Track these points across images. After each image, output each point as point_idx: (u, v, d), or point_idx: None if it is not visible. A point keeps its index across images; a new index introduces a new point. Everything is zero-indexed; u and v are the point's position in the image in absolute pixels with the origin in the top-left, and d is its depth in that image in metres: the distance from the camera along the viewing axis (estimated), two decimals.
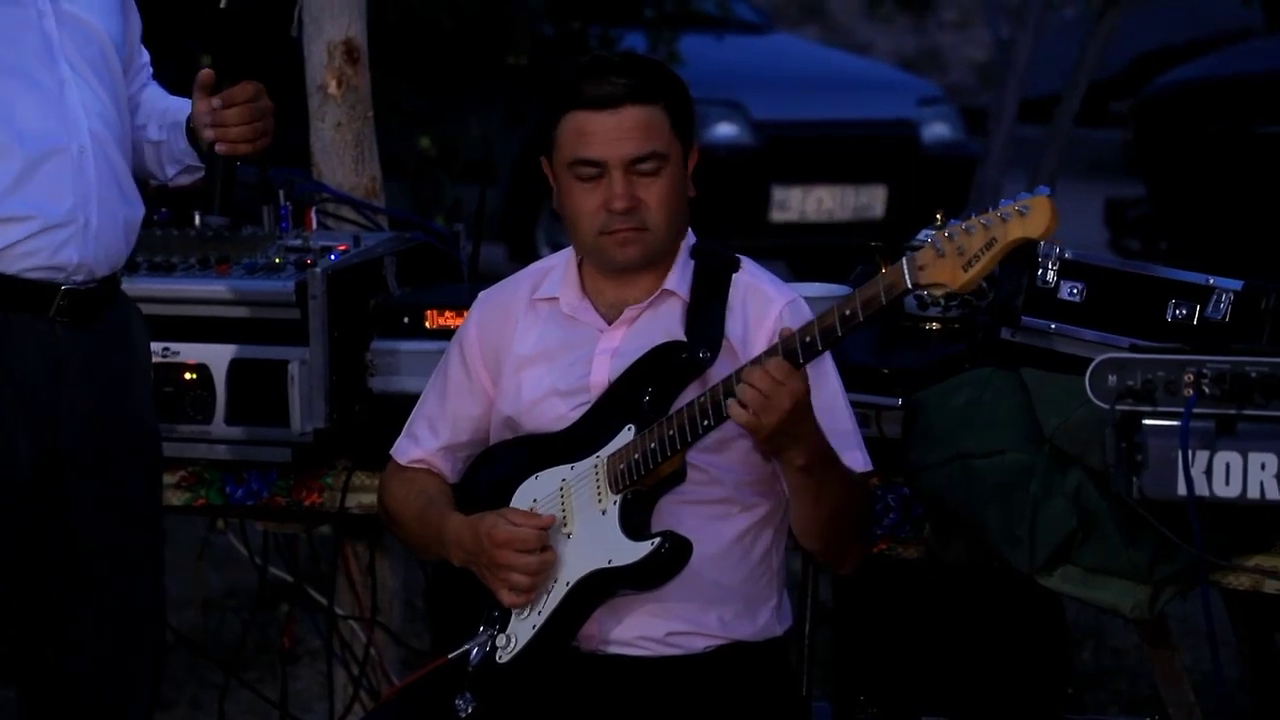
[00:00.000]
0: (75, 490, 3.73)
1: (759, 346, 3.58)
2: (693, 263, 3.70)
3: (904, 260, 3.43)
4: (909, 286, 3.42)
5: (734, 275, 3.69)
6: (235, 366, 4.27)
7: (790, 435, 3.48)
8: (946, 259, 3.39)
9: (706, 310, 3.65)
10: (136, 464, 3.84)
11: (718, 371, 3.59)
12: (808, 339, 3.47)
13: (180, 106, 3.89)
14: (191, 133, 3.83)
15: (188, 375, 4.28)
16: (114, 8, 3.78)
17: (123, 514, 3.80)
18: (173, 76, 4.04)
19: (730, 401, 3.48)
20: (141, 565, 3.84)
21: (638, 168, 3.60)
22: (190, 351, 4.28)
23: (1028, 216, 3.36)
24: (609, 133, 3.59)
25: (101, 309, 3.74)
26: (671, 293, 3.68)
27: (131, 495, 3.83)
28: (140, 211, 3.81)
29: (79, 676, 3.77)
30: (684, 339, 3.63)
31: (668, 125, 3.62)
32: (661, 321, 3.67)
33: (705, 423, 3.54)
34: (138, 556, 3.83)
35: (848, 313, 3.45)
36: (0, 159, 3.58)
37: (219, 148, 3.77)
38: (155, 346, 4.22)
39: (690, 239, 3.72)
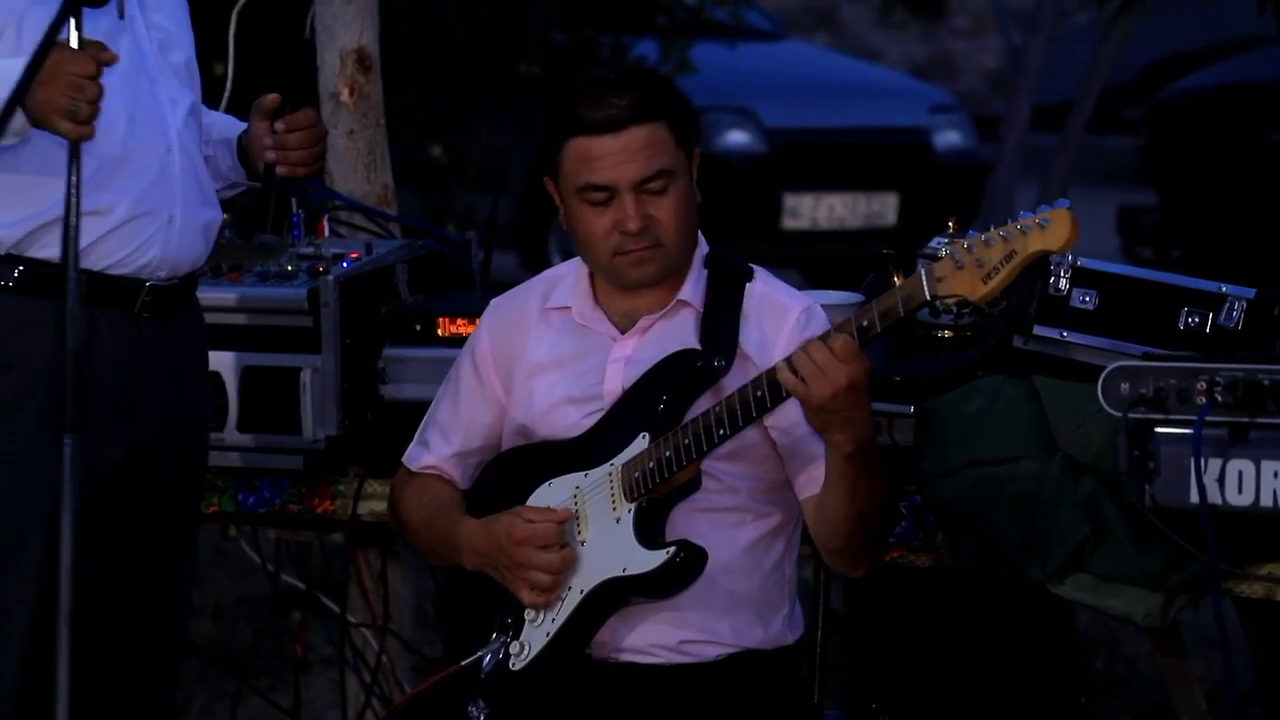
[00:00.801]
0: (147, 487, 3.77)
1: (779, 354, 3.57)
2: (706, 272, 3.70)
3: (922, 272, 3.42)
4: (927, 298, 3.42)
5: (748, 285, 3.69)
6: (247, 374, 4.27)
7: (842, 416, 3.46)
8: (965, 271, 3.39)
9: (721, 319, 3.65)
10: (194, 464, 3.90)
11: (732, 381, 3.59)
12: None
13: (226, 123, 3.96)
14: (241, 150, 3.88)
15: None
16: (187, 23, 3.85)
17: (178, 513, 3.84)
18: None
19: (782, 365, 3.46)
20: (183, 566, 3.86)
21: (647, 187, 3.59)
22: None
23: (1048, 229, 3.35)
24: (615, 156, 3.57)
25: (181, 307, 3.79)
26: (686, 303, 3.68)
27: (187, 495, 3.87)
28: (219, 215, 3.88)
29: (106, 673, 3.79)
30: (698, 348, 3.63)
31: (671, 139, 3.61)
32: (676, 331, 3.67)
33: (721, 431, 3.54)
34: (182, 556, 3.85)
35: (865, 323, 3.45)
36: (89, 155, 3.61)
37: (280, 170, 3.84)
38: None
39: (703, 248, 3.72)
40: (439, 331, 4.28)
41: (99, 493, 3.68)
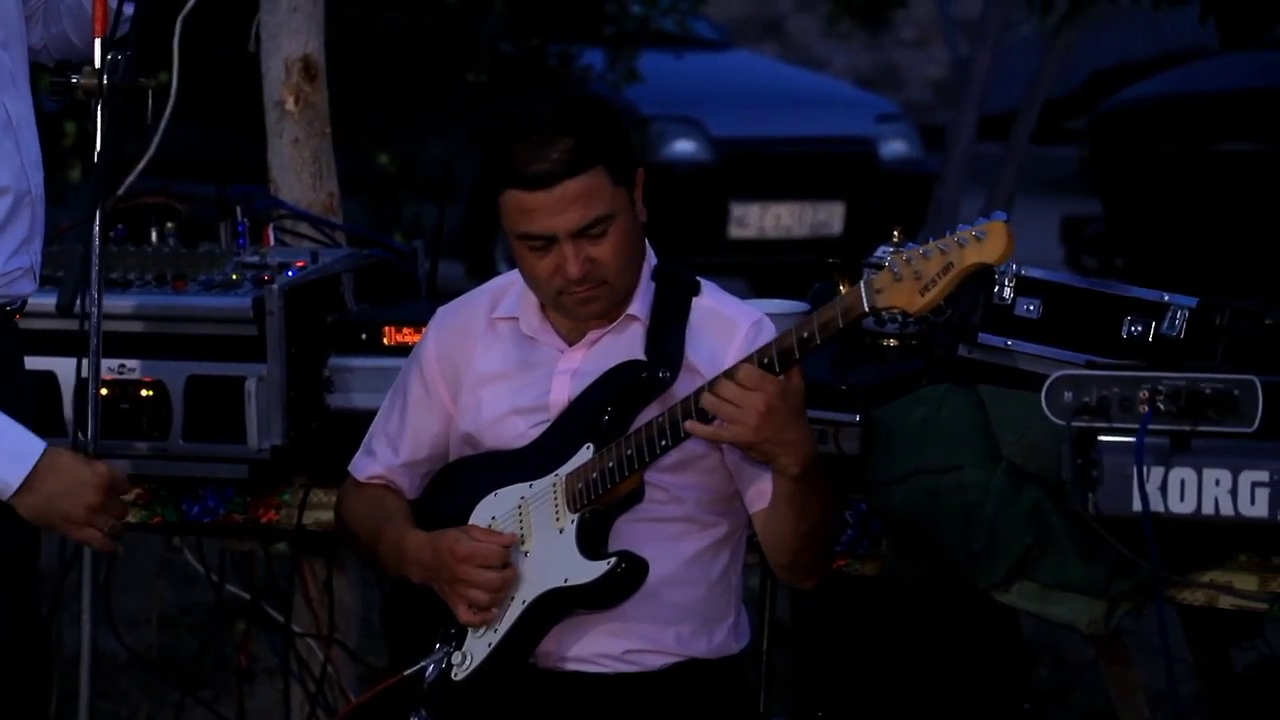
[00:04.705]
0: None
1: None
2: (654, 285, 3.70)
3: (861, 284, 3.43)
4: (866, 310, 3.43)
5: (694, 299, 3.68)
6: (192, 383, 4.25)
7: (775, 442, 3.46)
8: (903, 283, 3.40)
9: (666, 331, 3.65)
10: None
11: (677, 391, 3.59)
12: (765, 360, 3.47)
13: None
14: None
15: (144, 392, 4.26)
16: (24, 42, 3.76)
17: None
18: None
19: (694, 423, 3.46)
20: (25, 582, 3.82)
21: (585, 234, 3.57)
22: (146, 368, 4.27)
23: (984, 242, 3.37)
24: (550, 208, 3.53)
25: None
26: (634, 317, 3.67)
27: None
28: None
29: None
30: (644, 359, 3.63)
31: (608, 182, 3.55)
32: (623, 344, 3.66)
33: (663, 442, 3.54)
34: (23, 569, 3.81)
35: (805, 335, 3.46)
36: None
37: None
38: (111, 363, 4.21)
39: (651, 260, 3.71)
40: (385, 341, 4.27)
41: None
